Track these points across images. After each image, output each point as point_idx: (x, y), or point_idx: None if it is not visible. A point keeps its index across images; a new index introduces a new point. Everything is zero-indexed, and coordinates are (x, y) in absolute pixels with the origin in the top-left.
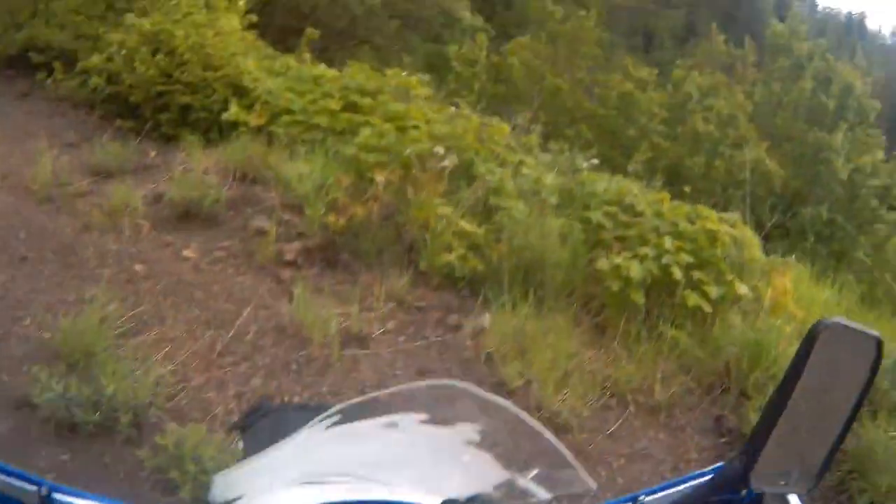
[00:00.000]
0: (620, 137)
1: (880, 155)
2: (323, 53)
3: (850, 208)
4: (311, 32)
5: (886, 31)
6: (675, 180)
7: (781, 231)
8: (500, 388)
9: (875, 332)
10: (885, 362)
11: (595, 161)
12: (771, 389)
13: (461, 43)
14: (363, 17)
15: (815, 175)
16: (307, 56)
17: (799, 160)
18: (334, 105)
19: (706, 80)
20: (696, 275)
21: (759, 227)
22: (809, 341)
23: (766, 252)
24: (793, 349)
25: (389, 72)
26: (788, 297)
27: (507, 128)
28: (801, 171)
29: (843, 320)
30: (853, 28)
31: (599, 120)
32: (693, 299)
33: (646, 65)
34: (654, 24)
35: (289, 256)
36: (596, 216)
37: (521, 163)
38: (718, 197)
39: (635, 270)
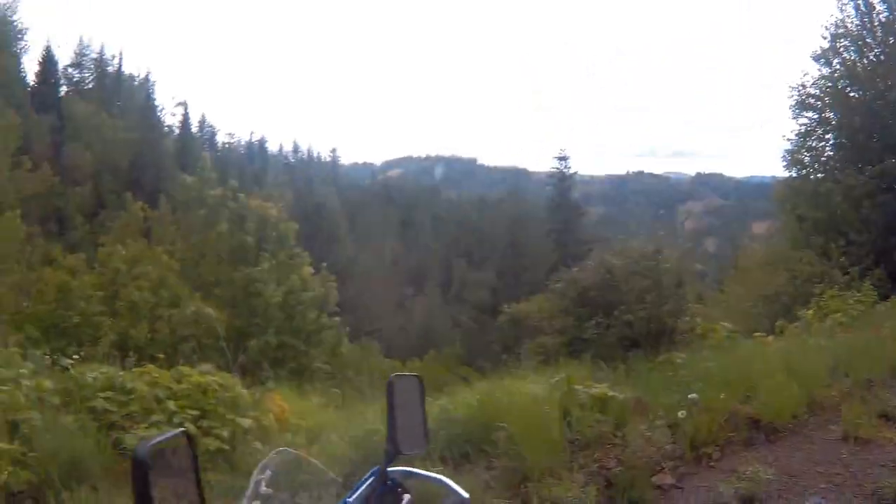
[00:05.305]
0: (67, 326)
1: (307, 270)
2: None
3: (293, 326)
4: None
5: (287, 150)
6: (126, 350)
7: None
8: None
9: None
10: None
11: (76, 357)
12: None
13: None
14: None
15: (251, 308)
16: None
17: (233, 300)
18: None
19: (131, 250)
20: (205, 423)
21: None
22: (390, 387)
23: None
24: None
25: None
26: (288, 414)
27: None
28: (238, 309)
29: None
30: (255, 155)
31: (42, 315)
32: (213, 443)
33: (65, 247)
34: (63, 205)
35: None
36: (99, 403)
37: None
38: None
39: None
